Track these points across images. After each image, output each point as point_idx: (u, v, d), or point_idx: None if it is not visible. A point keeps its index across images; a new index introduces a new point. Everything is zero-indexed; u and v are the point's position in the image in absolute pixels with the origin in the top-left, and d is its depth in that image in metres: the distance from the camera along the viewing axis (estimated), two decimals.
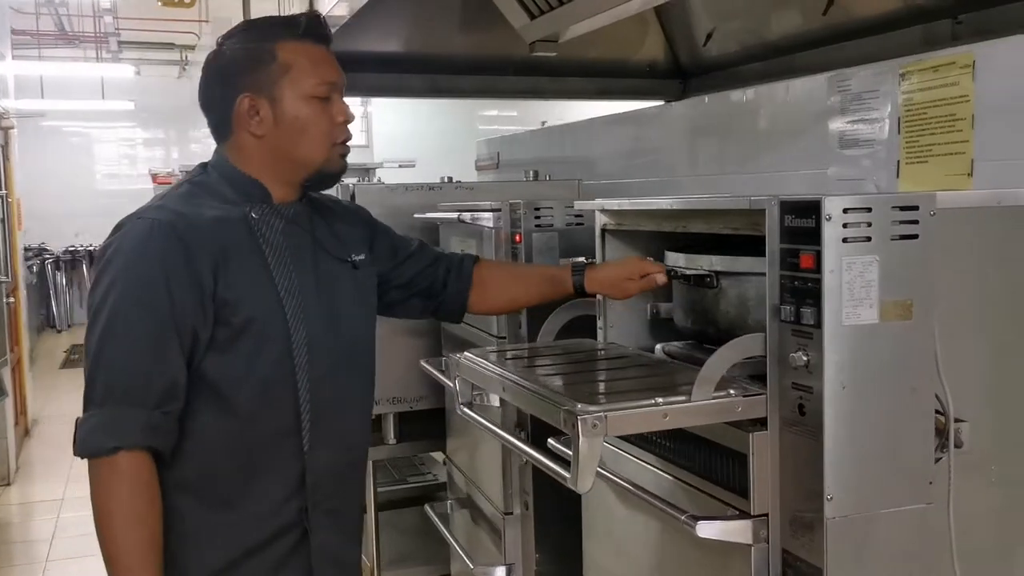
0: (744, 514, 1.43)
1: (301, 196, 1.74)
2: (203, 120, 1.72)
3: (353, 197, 3.04)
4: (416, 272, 1.95)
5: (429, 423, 3.26)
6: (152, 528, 1.53)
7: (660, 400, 1.38)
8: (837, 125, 2.48)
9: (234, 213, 1.63)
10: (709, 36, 3.72)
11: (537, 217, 2.27)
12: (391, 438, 3.21)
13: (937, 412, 1.41)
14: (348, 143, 1.71)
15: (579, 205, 1.96)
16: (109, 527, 1.51)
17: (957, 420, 1.43)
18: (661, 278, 1.83)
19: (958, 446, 1.44)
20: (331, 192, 1.88)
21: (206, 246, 1.57)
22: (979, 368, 1.49)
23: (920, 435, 1.39)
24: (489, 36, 3.82)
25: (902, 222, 1.34)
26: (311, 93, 1.62)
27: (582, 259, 2.01)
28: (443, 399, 3.13)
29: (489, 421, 1.82)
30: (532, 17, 2.65)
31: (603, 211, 1.91)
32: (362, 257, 1.82)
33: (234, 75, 1.63)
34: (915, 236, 1.35)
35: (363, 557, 3.45)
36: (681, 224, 1.67)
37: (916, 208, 1.35)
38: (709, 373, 1.39)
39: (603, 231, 1.93)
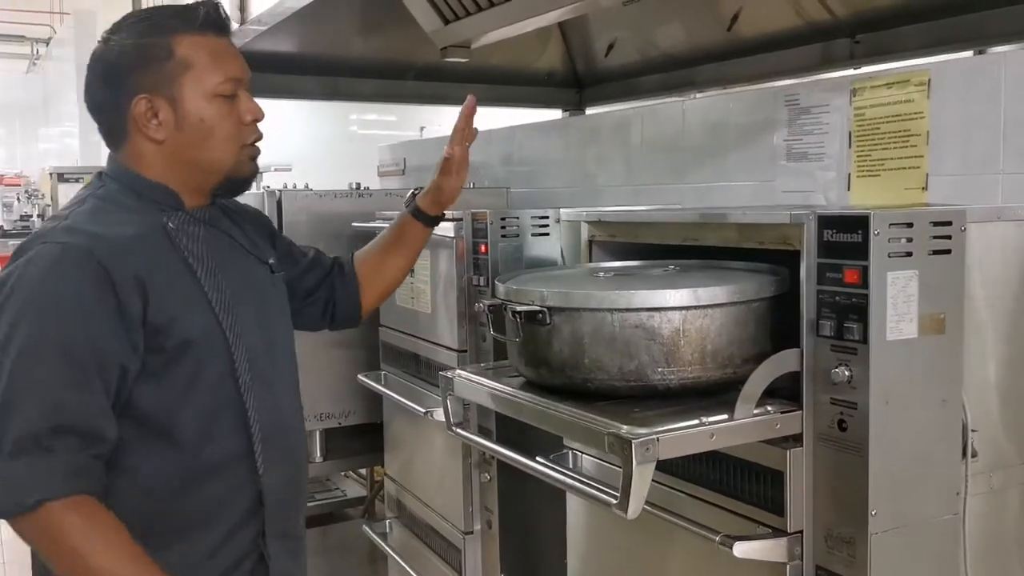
0: (778, 532, 1.42)
1: (212, 200, 1.62)
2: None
3: (280, 204, 2.90)
4: (317, 281, 1.89)
5: (354, 439, 3.15)
6: (126, 543, 1.38)
7: (705, 420, 1.35)
8: (784, 138, 2.52)
9: (150, 225, 1.50)
10: (611, 47, 3.75)
11: (503, 227, 2.21)
12: (317, 456, 3.08)
13: None
14: (258, 144, 1.60)
15: (565, 214, 1.90)
16: (83, 566, 1.35)
17: (972, 430, 1.47)
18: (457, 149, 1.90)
19: (973, 456, 1.47)
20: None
21: (130, 269, 1.41)
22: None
23: (950, 446, 1.41)
24: (389, 40, 3.75)
25: (937, 237, 1.36)
26: (215, 92, 1.50)
27: (412, 191, 2.02)
28: (373, 414, 3.03)
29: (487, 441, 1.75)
30: (446, 22, 2.60)
31: (591, 222, 1.87)
32: (272, 261, 1.73)
33: (127, 74, 1.49)
34: (948, 251, 1.37)
35: None
36: (691, 236, 1.65)
37: (950, 223, 1.37)
38: (750, 391, 1.37)
39: (590, 242, 1.89)
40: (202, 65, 1.49)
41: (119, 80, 1.49)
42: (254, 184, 1.75)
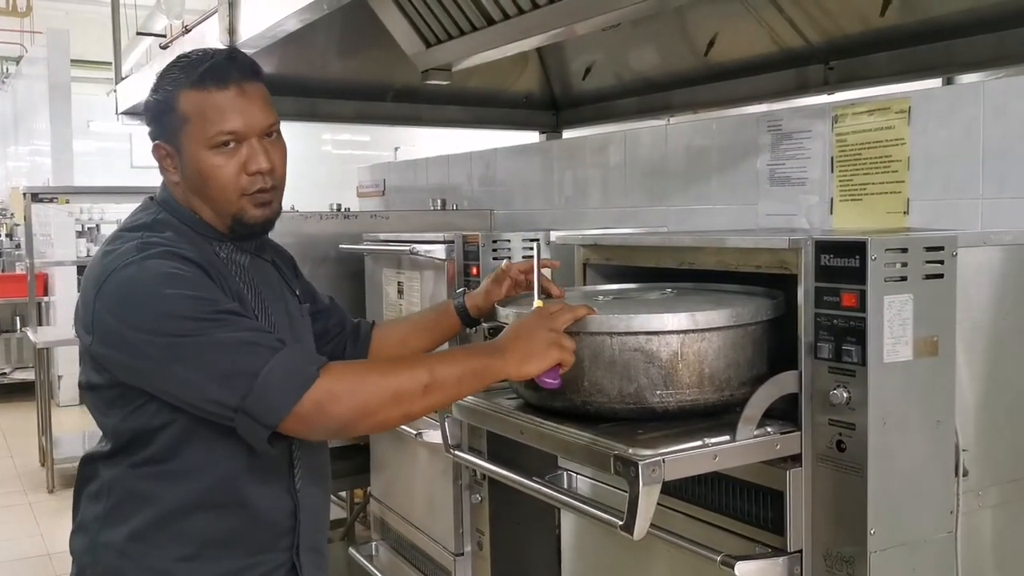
0: (778, 551, 1.44)
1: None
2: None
3: None
4: (326, 327, 1.90)
5: (337, 461, 3.13)
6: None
7: (708, 441, 1.37)
8: (767, 162, 2.57)
9: (207, 252, 1.57)
10: (588, 70, 3.81)
11: (494, 250, 2.23)
12: None
13: None
14: (266, 192, 1.59)
15: (558, 237, 1.93)
16: (409, 395, 1.43)
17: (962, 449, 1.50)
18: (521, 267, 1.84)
19: (964, 475, 1.51)
20: None
21: (214, 277, 1.51)
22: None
23: (944, 466, 1.44)
24: (368, 62, 3.78)
25: (930, 262, 1.40)
26: (209, 144, 1.54)
27: (463, 289, 2.03)
28: (357, 436, 3.02)
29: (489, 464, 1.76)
30: (428, 46, 2.63)
31: (587, 246, 1.89)
32: (299, 292, 1.80)
33: (151, 122, 1.61)
34: (941, 275, 1.41)
35: None
36: (687, 260, 1.68)
37: (942, 248, 1.41)
38: (751, 412, 1.40)
39: (585, 265, 1.91)
40: (198, 119, 1.53)
41: (149, 126, 1.62)
42: None
